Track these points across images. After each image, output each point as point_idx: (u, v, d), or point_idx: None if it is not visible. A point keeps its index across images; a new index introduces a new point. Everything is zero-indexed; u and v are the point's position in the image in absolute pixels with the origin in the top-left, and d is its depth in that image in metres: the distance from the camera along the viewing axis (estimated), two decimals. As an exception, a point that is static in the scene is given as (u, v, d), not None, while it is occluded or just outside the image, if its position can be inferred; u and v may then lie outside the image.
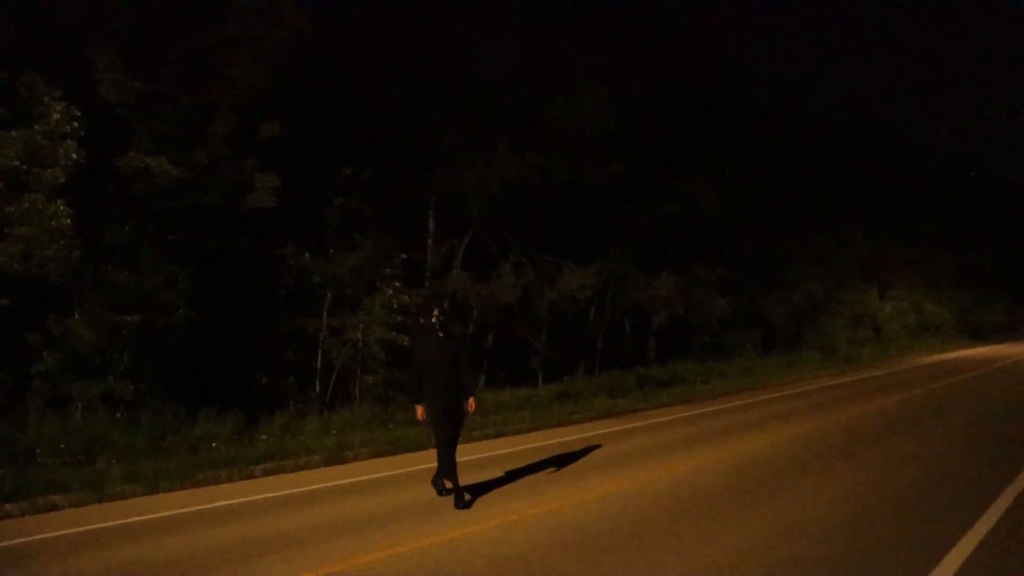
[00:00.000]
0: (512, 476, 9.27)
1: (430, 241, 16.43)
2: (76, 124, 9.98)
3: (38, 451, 9.89)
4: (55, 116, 9.74)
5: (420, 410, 7.74)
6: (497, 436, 12.95)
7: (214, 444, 11.18)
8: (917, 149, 49.94)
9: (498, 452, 11.40)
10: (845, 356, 32.33)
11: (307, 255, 13.61)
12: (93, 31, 10.91)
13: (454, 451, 7.83)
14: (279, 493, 8.80)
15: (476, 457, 10.73)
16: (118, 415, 11.43)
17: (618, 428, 13.58)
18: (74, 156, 9.92)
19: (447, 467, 7.76)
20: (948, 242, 46.84)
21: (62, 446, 10.10)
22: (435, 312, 7.82)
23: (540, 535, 6.35)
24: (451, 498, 7.78)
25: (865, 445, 10.35)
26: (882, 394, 17.92)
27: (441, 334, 7.74)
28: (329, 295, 14.25)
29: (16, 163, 9.56)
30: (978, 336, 51.57)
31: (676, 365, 22.57)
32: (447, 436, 7.74)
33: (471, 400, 7.97)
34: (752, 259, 26.91)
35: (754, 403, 17.23)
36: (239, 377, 13.45)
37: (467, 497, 7.65)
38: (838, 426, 12.47)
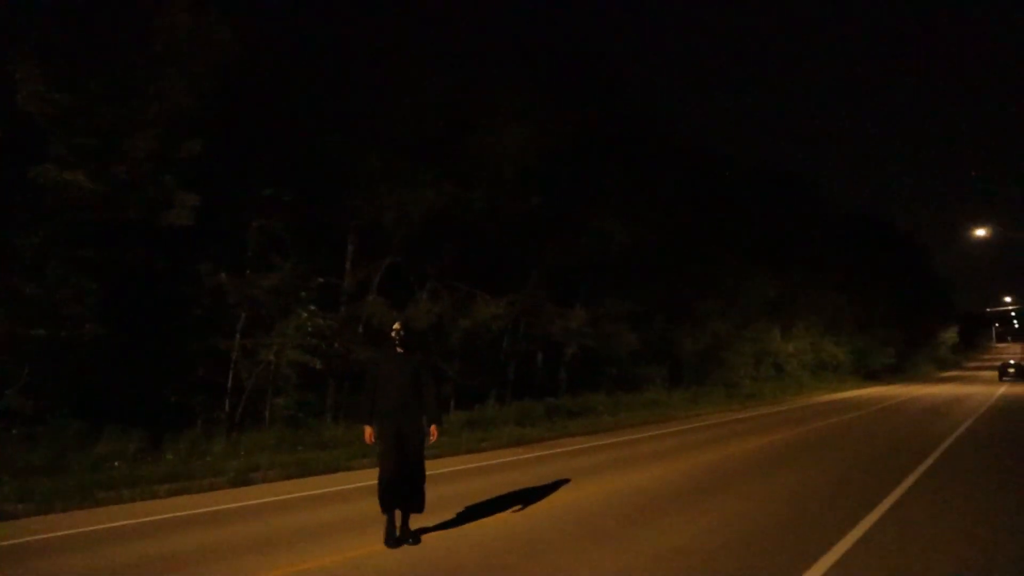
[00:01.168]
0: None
1: (348, 266, 16.59)
2: (-10, 134, 9.87)
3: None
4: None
5: (368, 431, 7.06)
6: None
7: (116, 463, 11.04)
8: (824, 197, 52.91)
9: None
10: (748, 392, 33.79)
11: (223, 275, 13.58)
12: (14, 40, 10.78)
13: (401, 482, 6.95)
14: (183, 513, 8.81)
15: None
16: (14, 431, 11.18)
17: (525, 456, 13.97)
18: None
19: (382, 497, 6.97)
20: (847, 287, 49.64)
21: (-49, 462, 9.84)
22: (395, 327, 7.27)
23: (437, 555, 6.64)
24: (355, 517, 7.96)
25: (748, 478, 10.99)
26: (775, 430, 18.88)
27: (400, 350, 7.15)
28: (244, 315, 14.23)
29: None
30: (871, 376, 54.57)
31: (586, 396, 23.21)
32: (395, 464, 6.90)
33: (433, 426, 7.25)
34: (662, 295, 27.95)
35: (656, 436, 17.90)
36: (147, 395, 13.25)
37: (398, 534, 7.00)
38: (729, 459, 13.16)
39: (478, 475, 11.60)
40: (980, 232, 45.90)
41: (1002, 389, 41.71)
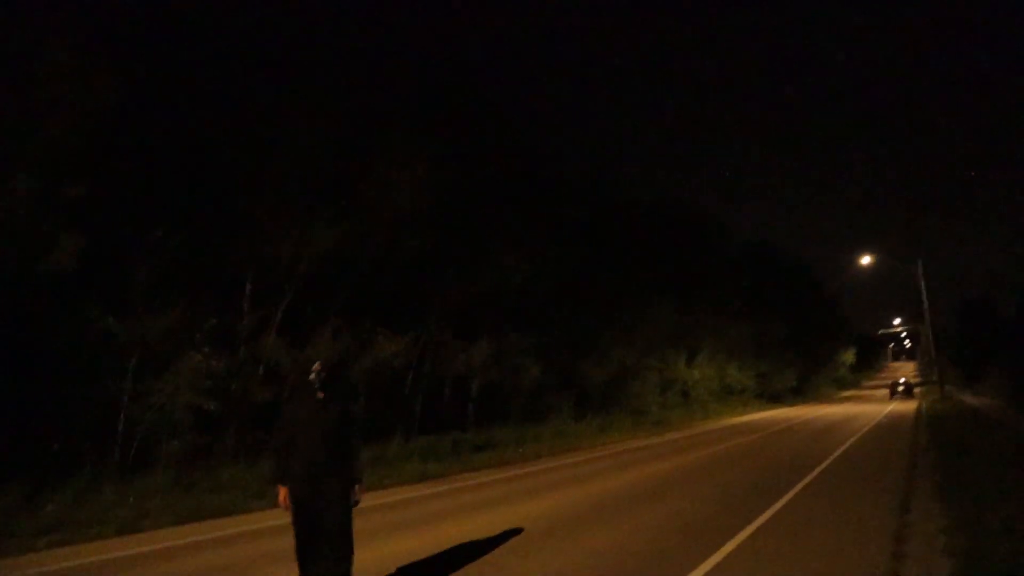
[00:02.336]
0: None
1: (246, 306, 16.47)
2: None
3: None
4: None
5: (283, 493, 6.07)
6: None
7: (-7, 515, 10.64)
8: (722, 227, 55.22)
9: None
10: (655, 419, 34.72)
11: (111, 318, 13.33)
12: None
13: (319, 556, 5.94)
14: (65, 565, 8.61)
15: (272, 524, 10.91)
16: None
17: (425, 492, 14.09)
18: None
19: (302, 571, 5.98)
20: (748, 313, 51.80)
21: None
22: (315, 367, 6.16)
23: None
24: (239, 561, 7.94)
25: (630, 506, 11.45)
26: (673, 456, 19.56)
27: (321, 395, 6.07)
28: (135, 359, 13.96)
29: None
30: (774, 399, 56.79)
31: (493, 430, 23.48)
32: (309, 536, 5.93)
33: (358, 487, 6.14)
34: (566, 327, 28.62)
35: (559, 466, 18.28)
36: (26, 444, 12.79)
37: None
38: (624, 485, 13.65)
39: (375, 512, 11.70)
40: (865, 259, 49.18)
41: (890, 407, 44.18)
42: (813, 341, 70.17)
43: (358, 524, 6.25)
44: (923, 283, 43.27)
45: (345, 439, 6.06)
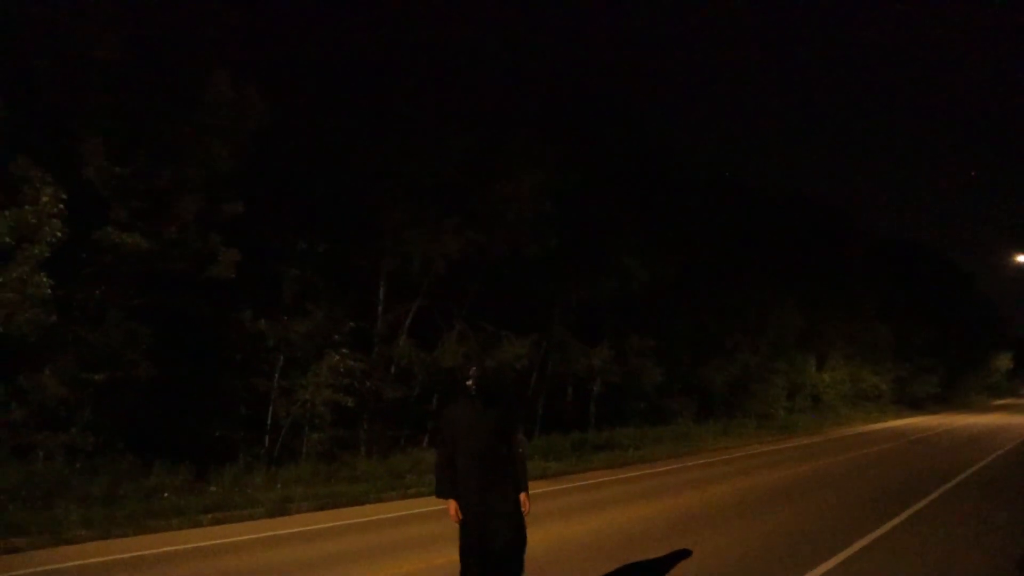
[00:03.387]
0: (431, 530, 10.44)
1: (379, 309, 17.76)
2: (62, 206, 11.25)
3: (1, 496, 10.84)
4: (44, 199, 11.00)
5: (453, 507, 5.65)
6: (432, 494, 14.02)
7: (166, 494, 12.19)
8: (855, 224, 52.74)
9: (426, 509, 12.51)
10: (782, 424, 33.97)
11: (262, 321, 14.83)
12: (78, 116, 12.25)
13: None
14: (224, 540, 9.83)
15: (403, 514, 11.90)
16: (77, 464, 12.42)
17: (546, 490, 14.70)
18: (59, 234, 11.18)
19: None
20: (885, 314, 49.29)
21: (23, 492, 11.07)
22: (471, 372, 5.86)
23: None
24: (379, 545, 8.84)
25: (747, 511, 11.64)
26: (796, 463, 19.28)
27: (478, 402, 5.71)
28: (282, 358, 15.46)
29: (7, 239, 10.80)
30: (914, 406, 53.78)
31: (613, 431, 23.86)
32: (478, 557, 5.56)
33: (523, 495, 5.68)
34: (687, 329, 28.55)
35: (678, 469, 18.51)
36: (193, 431, 14.46)
37: None
38: (734, 492, 13.80)
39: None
40: (1021, 258, 45.68)
41: (1050, 419, 40.99)
42: (961, 344, 65.73)
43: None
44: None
45: (507, 446, 5.68)
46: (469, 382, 5.77)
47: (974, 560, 7.05)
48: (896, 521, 10.34)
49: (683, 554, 8.20)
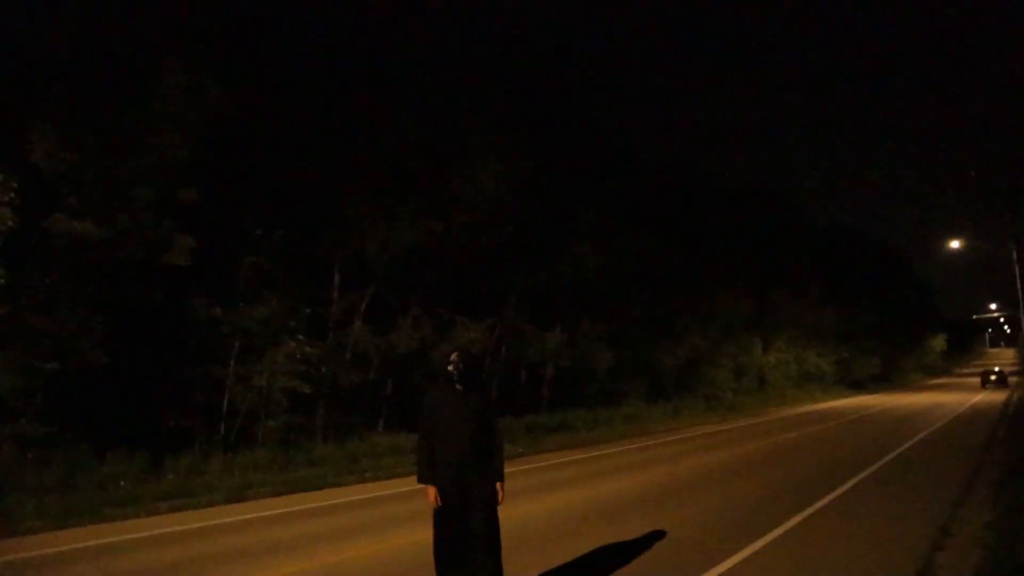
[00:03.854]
0: (390, 512, 10.70)
1: (335, 296, 17.83)
2: (13, 194, 11.09)
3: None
4: (-9, 187, 10.85)
5: (432, 492, 5.66)
6: (389, 477, 14.33)
7: (122, 483, 12.21)
8: (801, 211, 54.27)
9: (383, 492, 12.77)
10: (729, 405, 35.00)
11: (218, 308, 14.81)
12: (29, 103, 12.05)
13: (466, 555, 5.61)
14: (182, 528, 9.95)
15: (361, 497, 12.11)
16: (29, 455, 12.33)
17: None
18: (9, 224, 11.03)
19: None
20: (829, 298, 50.90)
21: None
22: (452, 357, 5.88)
23: (404, 556, 7.81)
24: (335, 529, 9.03)
25: (691, 490, 12.15)
26: (740, 442, 20.01)
27: (459, 387, 5.76)
28: (237, 344, 15.45)
29: (-48, 227, 10.64)
30: (856, 386, 55.71)
31: (566, 413, 24.38)
32: (456, 535, 5.60)
33: (499, 484, 5.77)
34: (639, 313, 29.17)
35: (627, 450, 19.04)
36: (148, 419, 14.43)
37: None
38: (680, 472, 14.36)
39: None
40: (954, 244, 47.44)
41: (978, 397, 42.91)
42: (899, 326, 68.16)
43: (423, 504, 6.38)
44: (1018, 268, 41.66)
45: (486, 433, 5.75)
46: (451, 368, 5.80)
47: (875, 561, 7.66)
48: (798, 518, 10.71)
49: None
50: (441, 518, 5.64)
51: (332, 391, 17.44)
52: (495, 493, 5.71)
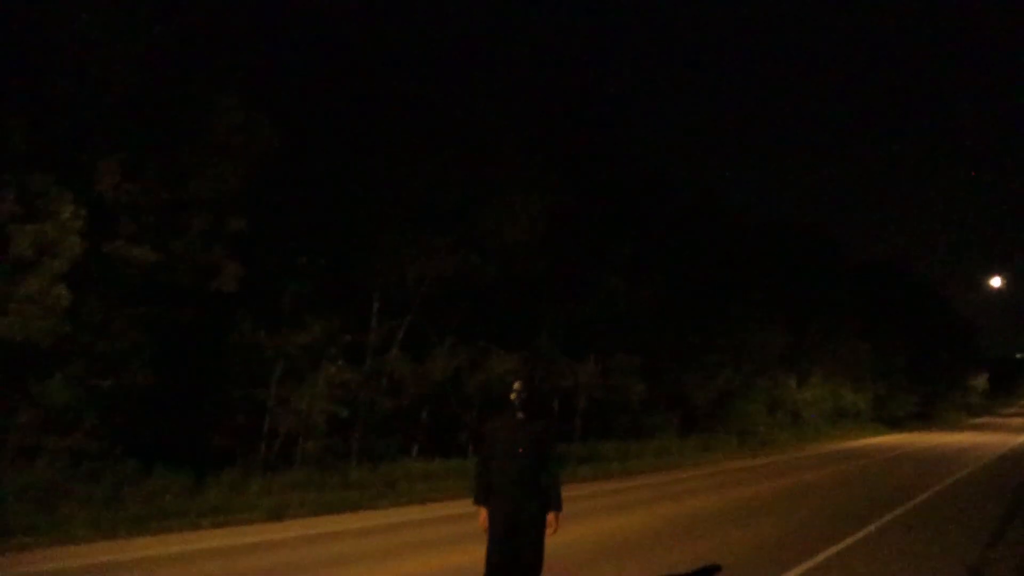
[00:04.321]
0: (424, 536, 11.04)
1: (373, 323, 18.38)
2: (81, 222, 11.82)
3: (9, 497, 11.33)
4: (65, 215, 11.58)
5: (482, 514, 5.88)
6: (423, 502, 14.67)
7: (167, 497, 12.74)
8: (838, 246, 53.86)
9: (418, 517, 13.12)
10: (762, 440, 34.75)
11: (262, 333, 15.43)
12: (95, 135, 12.86)
13: None
14: (223, 543, 10.37)
15: (398, 520, 12.47)
16: (83, 467, 12.92)
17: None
18: (77, 250, 11.75)
19: None
20: (866, 334, 50.31)
21: (29, 493, 11.55)
22: (515, 386, 6.01)
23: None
24: (371, 551, 9.41)
25: (722, 524, 12.31)
26: (772, 478, 20.00)
27: (521, 415, 5.90)
28: (279, 368, 16.05)
29: (28, 252, 11.38)
30: (893, 424, 54.72)
31: (597, 444, 24.52)
32: (502, 559, 5.70)
33: (551, 515, 5.82)
34: (672, 346, 29.28)
35: (658, 482, 19.15)
36: (192, 437, 15.01)
37: None
38: (707, 505, 14.48)
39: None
40: (995, 282, 46.96)
41: (1021, 439, 41.95)
42: (939, 364, 66.91)
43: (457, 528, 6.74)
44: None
45: (543, 462, 5.82)
46: (513, 396, 5.91)
47: None
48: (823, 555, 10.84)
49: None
50: (492, 543, 5.74)
51: (368, 416, 17.92)
52: (544, 523, 5.76)
